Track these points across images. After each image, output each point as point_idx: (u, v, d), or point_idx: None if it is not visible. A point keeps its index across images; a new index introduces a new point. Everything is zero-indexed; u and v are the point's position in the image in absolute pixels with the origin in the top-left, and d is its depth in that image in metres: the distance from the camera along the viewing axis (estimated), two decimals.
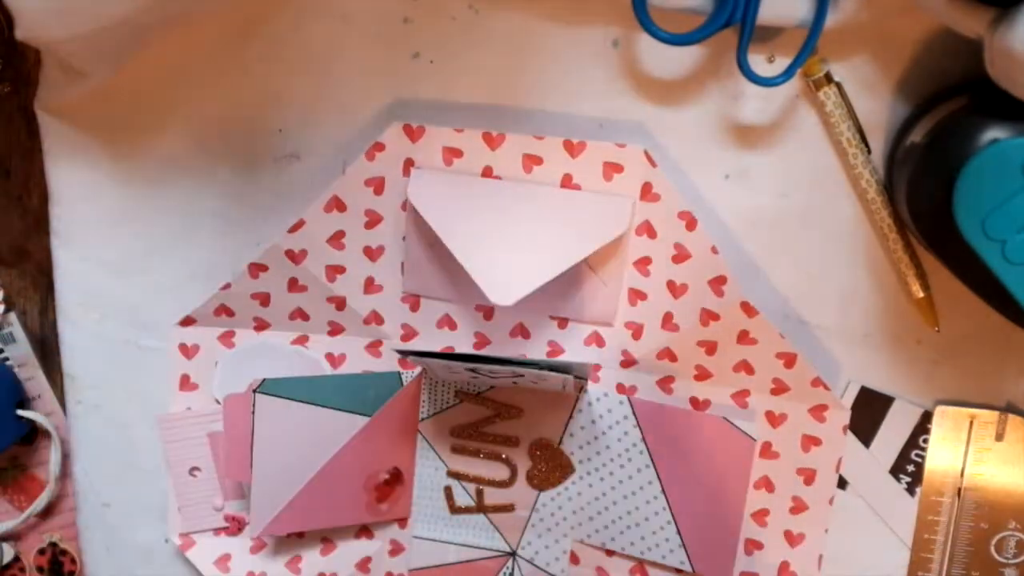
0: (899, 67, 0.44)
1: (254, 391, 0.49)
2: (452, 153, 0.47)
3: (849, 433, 0.49)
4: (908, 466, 0.49)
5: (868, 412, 0.49)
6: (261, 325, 0.51)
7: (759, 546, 0.50)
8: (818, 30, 0.42)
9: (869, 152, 0.45)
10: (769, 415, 0.48)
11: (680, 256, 0.47)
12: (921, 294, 0.46)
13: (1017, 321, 0.42)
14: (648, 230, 0.47)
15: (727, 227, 0.47)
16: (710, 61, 0.45)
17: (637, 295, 0.48)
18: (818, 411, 0.48)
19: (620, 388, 0.50)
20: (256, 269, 0.49)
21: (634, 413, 0.49)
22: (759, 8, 0.42)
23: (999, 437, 0.48)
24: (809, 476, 0.48)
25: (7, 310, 0.53)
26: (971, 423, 0.48)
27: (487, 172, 0.47)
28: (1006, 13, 0.36)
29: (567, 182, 0.47)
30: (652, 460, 0.49)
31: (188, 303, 0.51)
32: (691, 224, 0.46)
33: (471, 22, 0.46)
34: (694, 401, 0.49)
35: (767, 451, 0.49)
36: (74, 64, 0.45)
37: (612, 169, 0.46)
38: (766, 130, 0.46)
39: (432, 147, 0.47)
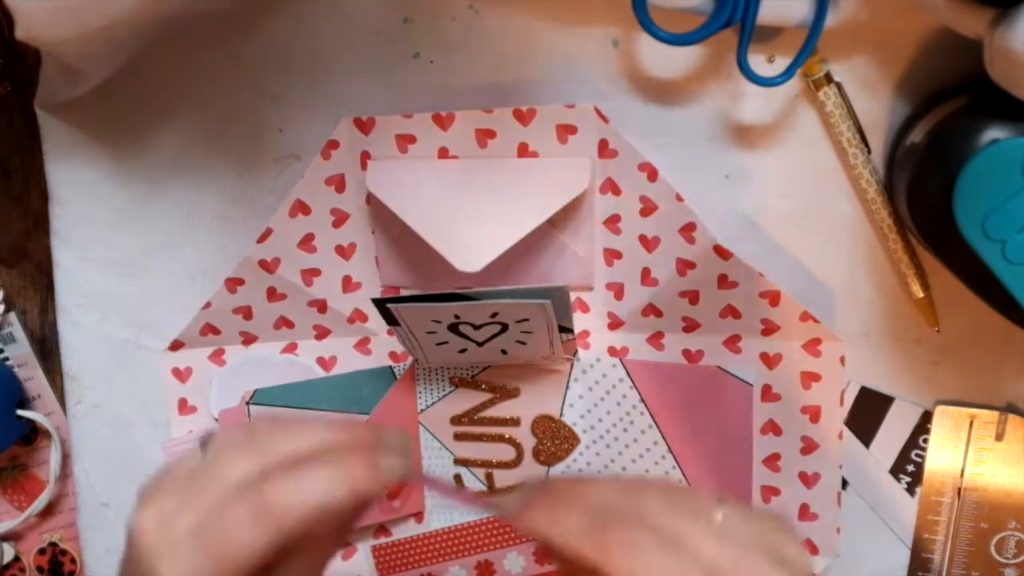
0: (899, 67, 0.44)
1: (247, 403, 0.49)
2: (405, 140, 0.47)
3: (849, 433, 0.49)
4: (908, 466, 0.49)
5: (868, 412, 0.49)
6: (248, 339, 0.51)
7: (776, 492, 0.49)
8: (818, 30, 0.42)
9: (869, 152, 0.45)
10: (764, 357, 0.48)
11: (647, 209, 0.46)
12: (921, 294, 0.46)
13: (1017, 321, 0.42)
14: (612, 187, 0.47)
15: (727, 227, 0.47)
16: (710, 61, 0.45)
17: (612, 255, 0.48)
18: (812, 346, 0.47)
19: (611, 351, 0.49)
20: (233, 283, 0.49)
21: (628, 375, 0.49)
22: (759, 8, 0.41)
23: (999, 437, 0.48)
24: (814, 413, 0.48)
25: (7, 310, 0.53)
26: (971, 423, 0.48)
27: (443, 153, 0.47)
28: (1006, 13, 0.36)
29: (523, 151, 0.46)
30: (654, 420, 0.49)
31: (188, 303, 0.51)
32: (652, 175, 0.45)
33: (471, 22, 0.46)
34: (687, 353, 0.49)
35: (768, 394, 0.48)
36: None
37: (565, 131, 0.46)
38: (766, 130, 0.46)
39: (385, 137, 0.47)
